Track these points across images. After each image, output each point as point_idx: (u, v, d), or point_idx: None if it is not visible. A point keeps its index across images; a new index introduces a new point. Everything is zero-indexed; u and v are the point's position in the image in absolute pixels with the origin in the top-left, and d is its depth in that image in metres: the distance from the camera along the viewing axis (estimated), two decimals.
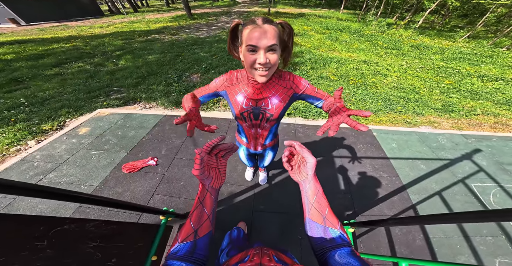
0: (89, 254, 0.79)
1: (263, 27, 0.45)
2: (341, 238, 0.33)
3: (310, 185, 0.38)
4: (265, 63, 0.48)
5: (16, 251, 0.59)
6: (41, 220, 0.67)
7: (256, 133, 0.82)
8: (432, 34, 8.71)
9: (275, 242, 1.28)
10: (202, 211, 0.35)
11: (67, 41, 6.04)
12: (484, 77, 4.23)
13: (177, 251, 0.31)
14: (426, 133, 2.36)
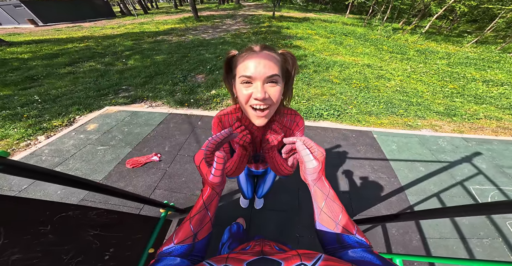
0: (88, 242, 0.81)
1: (261, 54, 0.37)
2: (358, 242, 0.29)
3: (315, 188, 0.34)
4: (263, 99, 0.38)
5: (20, 234, 0.60)
6: (48, 205, 0.70)
7: (257, 165, 0.81)
8: (439, 39, 8.64)
9: (273, 239, 1.30)
10: (206, 214, 0.33)
11: (81, 41, 6.31)
12: (489, 82, 4.18)
13: (171, 251, 0.28)
14: (426, 136, 2.36)
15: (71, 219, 0.75)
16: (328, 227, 0.32)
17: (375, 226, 1.40)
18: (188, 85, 3.20)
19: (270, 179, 1.00)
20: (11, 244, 0.57)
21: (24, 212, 0.64)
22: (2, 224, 0.56)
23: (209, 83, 3.25)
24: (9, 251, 0.57)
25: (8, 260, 0.56)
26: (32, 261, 0.61)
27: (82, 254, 0.76)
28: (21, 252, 0.60)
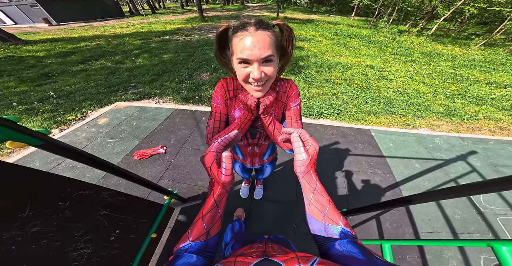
0: (98, 221, 0.84)
1: (255, 35, 0.38)
2: (344, 233, 0.31)
3: (304, 181, 0.36)
4: (260, 78, 0.42)
5: (43, 208, 0.63)
6: (70, 182, 0.73)
7: (253, 150, 0.75)
8: (446, 41, 8.55)
9: (271, 229, 1.36)
10: (217, 212, 0.34)
11: (92, 40, 6.56)
12: (493, 84, 4.16)
13: (187, 248, 0.30)
14: (423, 135, 2.40)
15: (87, 197, 0.80)
16: (316, 218, 0.34)
17: (370, 220, 1.45)
18: (194, 83, 3.34)
19: (268, 170, 0.99)
20: (34, 216, 0.61)
21: (49, 187, 0.67)
22: (30, 197, 0.61)
23: (213, 81, 3.37)
24: (31, 223, 0.60)
25: (28, 231, 0.60)
26: (48, 234, 0.65)
27: (91, 233, 0.80)
28: (41, 225, 0.63)
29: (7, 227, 0.55)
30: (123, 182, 1.59)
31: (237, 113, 0.59)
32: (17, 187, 0.59)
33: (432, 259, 1.26)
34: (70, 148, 0.65)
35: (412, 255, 1.26)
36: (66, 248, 0.71)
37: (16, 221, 0.57)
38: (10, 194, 0.57)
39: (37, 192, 0.63)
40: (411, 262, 1.23)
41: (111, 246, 0.88)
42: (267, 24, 0.41)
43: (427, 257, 1.26)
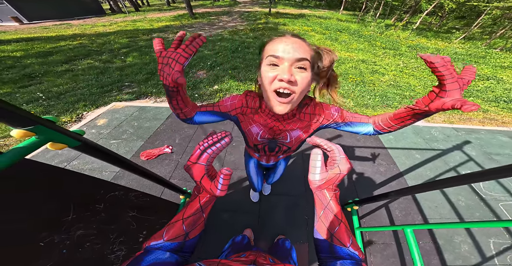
0: (127, 223, 0.84)
1: (291, 38, 0.37)
2: (350, 255, 0.29)
3: (315, 197, 0.34)
4: (289, 81, 0.35)
5: (84, 211, 0.63)
6: (103, 184, 0.74)
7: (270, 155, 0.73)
8: (430, 35, 8.94)
9: (282, 223, 1.38)
10: (200, 216, 0.32)
11: (73, 39, 6.15)
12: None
13: (160, 247, 0.28)
14: (420, 126, 2.53)
15: (117, 199, 0.80)
16: (323, 235, 0.32)
17: (380, 208, 1.51)
18: (191, 81, 3.26)
19: (281, 169, 0.98)
20: (78, 219, 0.61)
21: (85, 189, 0.68)
22: (72, 200, 0.61)
23: (211, 79, 3.31)
24: (75, 226, 0.61)
25: (74, 235, 0.60)
26: (90, 237, 0.65)
27: (123, 235, 0.79)
28: (84, 228, 0.64)
29: (57, 230, 0.56)
30: (133, 183, 1.55)
31: (255, 129, 0.55)
32: (63, 191, 0.59)
33: (444, 244, 1.32)
34: (104, 150, 0.63)
35: (424, 241, 1.33)
36: (105, 250, 0.71)
37: (63, 224, 0.58)
38: (58, 197, 0.58)
39: (78, 195, 0.63)
40: (424, 247, 1.30)
41: (140, 247, 0.88)
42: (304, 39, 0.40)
43: (439, 242, 1.33)
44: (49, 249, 0.55)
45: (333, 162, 0.33)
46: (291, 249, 0.73)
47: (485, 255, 1.29)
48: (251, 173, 1.00)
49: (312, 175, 0.33)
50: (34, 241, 0.52)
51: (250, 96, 0.53)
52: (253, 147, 0.63)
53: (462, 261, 1.25)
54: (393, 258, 1.24)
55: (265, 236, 1.30)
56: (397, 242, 1.31)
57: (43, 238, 0.53)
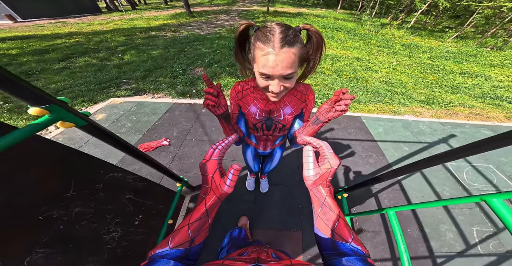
0: (124, 205, 0.84)
1: (279, 55, 0.37)
2: (354, 251, 0.29)
3: (312, 194, 0.35)
4: (279, 93, 0.45)
5: (83, 189, 0.65)
6: (103, 164, 0.75)
7: (267, 137, 0.80)
8: (424, 34, 9.09)
9: (277, 212, 1.43)
10: (206, 221, 0.32)
11: (69, 37, 6.13)
12: (465, 74, 4.58)
13: (165, 255, 0.28)
14: (409, 120, 2.64)
15: (116, 180, 0.81)
16: (324, 233, 0.32)
17: (370, 198, 1.58)
18: (188, 77, 3.31)
19: (277, 157, 1.02)
20: (77, 196, 0.62)
21: (86, 168, 0.69)
22: (73, 177, 0.63)
23: (209, 76, 3.37)
24: (74, 203, 0.62)
25: (72, 212, 0.61)
26: (87, 216, 0.66)
27: (119, 216, 0.80)
28: (82, 206, 0.65)
29: (56, 205, 0.57)
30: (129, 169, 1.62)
31: (253, 109, 0.62)
32: (65, 167, 0.61)
33: (430, 232, 1.39)
34: (107, 131, 0.67)
35: (412, 229, 1.39)
36: (101, 230, 0.72)
37: (63, 200, 0.59)
38: (61, 173, 0.60)
39: (79, 172, 0.65)
40: (411, 235, 1.36)
41: (136, 230, 0.90)
42: (292, 37, 0.38)
43: (426, 230, 1.40)
44: (47, 223, 0.55)
45: (323, 158, 0.35)
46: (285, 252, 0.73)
47: (469, 242, 1.36)
48: (248, 160, 1.06)
49: (306, 170, 0.35)
50: (33, 214, 0.53)
51: (241, 83, 0.61)
52: (252, 126, 0.70)
53: (447, 249, 1.31)
54: (382, 245, 1.31)
55: (261, 224, 1.36)
56: (386, 230, 1.38)
57: (42, 212, 0.54)
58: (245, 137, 0.77)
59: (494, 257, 1.30)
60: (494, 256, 1.30)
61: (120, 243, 0.79)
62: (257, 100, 0.61)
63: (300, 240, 1.30)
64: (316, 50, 0.44)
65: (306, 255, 1.24)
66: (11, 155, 0.47)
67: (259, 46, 0.39)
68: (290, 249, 1.26)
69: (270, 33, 0.38)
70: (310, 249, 1.26)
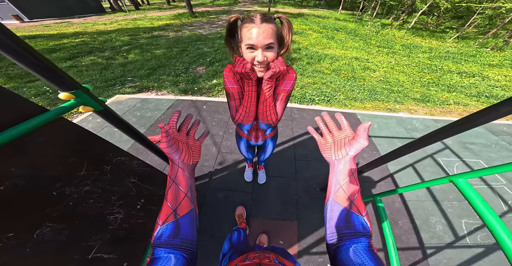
0: (128, 188, 0.88)
1: (261, 27, 0.48)
2: (363, 225, 0.30)
3: (345, 165, 0.35)
4: (263, 61, 0.52)
5: (93, 169, 0.69)
6: (112, 147, 0.81)
7: (257, 125, 0.84)
8: (425, 34, 9.11)
9: (274, 202, 1.49)
10: (177, 189, 0.33)
11: (75, 37, 6.28)
12: (463, 74, 4.62)
13: (161, 234, 0.29)
14: (403, 117, 2.71)
15: (122, 163, 0.86)
16: (341, 203, 0.32)
17: (364, 191, 1.63)
18: (190, 76, 3.43)
19: (270, 147, 1.08)
20: (87, 176, 0.66)
21: (98, 150, 0.74)
22: (87, 157, 0.68)
23: (210, 74, 3.48)
24: (84, 182, 0.66)
25: (82, 190, 0.65)
26: (94, 195, 0.70)
27: (123, 198, 0.84)
28: (91, 185, 0.68)
29: (69, 183, 0.61)
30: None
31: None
32: (82, 148, 0.68)
33: (421, 224, 1.44)
34: (119, 117, 0.77)
35: (403, 221, 1.45)
36: (105, 210, 0.76)
37: (75, 178, 0.63)
38: (77, 153, 0.65)
39: (91, 154, 0.71)
40: (403, 227, 1.42)
41: (137, 214, 0.93)
42: (270, 18, 0.51)
43: (416, 222, 1.45)
44: (59, 199, 0.59)
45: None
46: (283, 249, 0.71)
47: (458, 234, 1.40)
48: (242, 151, 1.13)
49: (364, 140, 0.34)
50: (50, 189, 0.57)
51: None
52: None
53: (437, 240, 1.36)
54: (374, 236, 1.35)
55: (258, 213, 1.43)
56: (377, 222, 1.42)
57: (57, 188, 0.58)
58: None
59: (482, 248, 1.33)
60: (482, 248, 1.34)
61: (122, 225, 0.83)
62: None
63: (296, 229, 1.35)
64: (288, 31, 0.55)
65: (302, 244, 1.28)
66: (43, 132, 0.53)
67: (245, 26, 0.50)
68: (286, 238, 1.31)
69: (253, 17, 0.50)
70: (305, 239, 1.31)
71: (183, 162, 0.36)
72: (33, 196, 0.53)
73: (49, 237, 0.56)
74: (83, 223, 0.67)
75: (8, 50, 0.43)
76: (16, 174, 0.49)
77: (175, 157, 0.35)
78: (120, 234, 0.83)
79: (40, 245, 0.54)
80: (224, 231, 1.32)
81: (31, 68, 0.49)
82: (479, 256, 1.30)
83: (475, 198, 0.58)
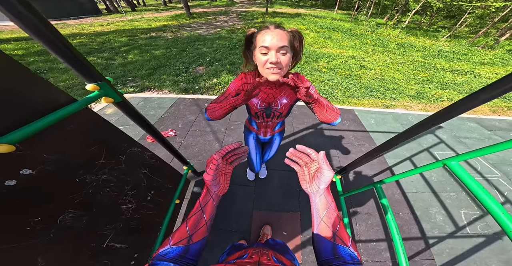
0: (140, 179, 0.90)
1: (275, 31, 0.51)
2: (351, 256, 0.30)
3: (321, 198, 0.35)
4: (276, 62, 0.51)
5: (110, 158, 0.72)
6: (127, 138, 0.84)
7: (267, 124, 0.90)
8: (419, 34, 9.29)
9: (277, 194, 1.53)
10: (201, 217, 0.34)
11: (73, 38, 6.28)
12: (455, 72, 4.76)
13: (166, 253, 0.29)
14: (399, 113, 2.81)
15: (135, 154, 0.88)
16: (325, 236, 0.32)
17: (363, 182, 1.70)
18: (191, 75, 3.47)
19: (276, 144, 1.10)
20: (105, 165, 0.69)
21: (114, 140, 0.76)
22: (105, 146, 0.70)
23: (210, 73, 3.53)
24: (102, 171, 0.68)
25: (100, 178, 0.67)
26: (110, 184, 0.71)
27: (135, 189, 0.86)
28: (108, 174, 0.70)
29: (90, 170, 0.64)
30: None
31: (255, 100, 0.73)
32: (102, 137, 0.71)
33: (421, 215, 1.47)
34: (134, 109, 0.81)
35: (404, 212, 1.50)
36: (119, 200, 0.77)
37: (95, 166, 0.66)
38: (99, 142, 0.68)
39: (109, 143, 0.74)
40: (404, 217, 1.46)
41: (147, 206, 0.95)
42: (283, 27, 0.55)
43: (417, 213, 1.49)
44: (81, 186, 0.61)
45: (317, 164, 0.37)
46: (285, 245, 0.73)
47: (458, 224, 1.43)
48: (250, 147, 1.10)
49: (328, 171, 0.34)
50: (74, 175, 0.59)
51: (248, 74, 0.70)
52: (254, 114, 0.81)
53: (438, 230, 1.39)
54: (376, 227, 1.39)
55: (261, 206, 1.48)
56: (379, 213, 1.46)
57: (80, 175, 0.60)
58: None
59: (483, 238, 1.36)
60: (483, 238, 1.37)
61: (134, 215, 0.85)
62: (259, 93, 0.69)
63: (299, 220, 1.39)
64: (300, 43, 0.60)
65: (305, 235, 1.32)
66: (72, 120, 0.57)
67: (260, 32, 0.54)
68: (290, 229, 1.34)
69: (267, 26, 0.54)
70: (308, 230, 1.34)
71: (217, 194, 0.37)
72: (59, 181, 0.55)
73: (70, 223, 0.58)
74: (100, 211, 0.68)
75: (53, 47, 0.48)
76: (48, 159, 0.52)
77: (213, 189, 0.36)
78: (131, 225, 0.84)
79: (62, 231, 0.55)
80: (229, 224, 1.36)
81: (69, 62, 0.54)
82: (480, 245, 1.32)
83: (468, 179, 0.61)
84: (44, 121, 0.48)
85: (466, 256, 1.28)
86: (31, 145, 0.47)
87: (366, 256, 1.26)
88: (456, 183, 1.76)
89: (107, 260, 0.71)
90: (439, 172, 1.89)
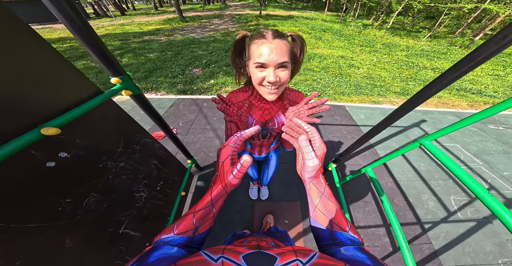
0: (151, 169, 0.93)
1: (273, 43, 0.42)
2: (351, 240, 0.29)
3: (311, 186, 0.33)
4: (275, 82, 0.45)
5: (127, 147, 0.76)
6: (141, 129, 0.90)
7: (262, 143, 0.79)
8: (403, 34, 9.81)
9: (277, 184, 1.58)
10: (210, 211, 0.32)
11: (62, 42, 6.18)
12: (436, 70, 5.11)
13: (169, 241, 0.29)
14: (386, 108, 3.01)
15: (147, 145, 0.93)
16: (322, 223, 0.32)
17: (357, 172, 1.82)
18: (188, 77, 3.55)
19: (273, 164, 1.00)
20: (122, 153, 0.73)
21: (130, 130, 0.82)
22: (123, 136, 0.76)
23: (207, 75, 3.62)
24: (120, 158, 0.72)
25: (118, 165, 0.71)
26: (126, 172, 0.76)
27: (147, 178, 0.90)
28: (125, 162, 0.74)
29: (110, 157, 0.68)
30: None
31: (249, 120, 0.63)
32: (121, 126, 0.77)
33: (414, 201, 1.56)
34: (148, 102, 0.91)
35: (398, 199, 1.58)
36: (134, 187, 0.80)
37: (114, 154, 0.70)
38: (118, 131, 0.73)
39: (126, 133, 0.80)
40: (398, 204, 1.53)
41: (157, 196, 0.98)
42: (282, 34, 0.44)
43: (410, 200, 1.58)
44: (103, 172, 0.63)
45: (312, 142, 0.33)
46: (285, 233, 0.73)
47: (449, 210, 1.51)
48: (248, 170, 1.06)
49: (311, 160, 0.31)
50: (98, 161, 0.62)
51: (234, 95, 0.61)
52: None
53: (432, 216, 1.46)
54: (373, 213, 1.45)
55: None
56: (375, 200, 1.52)
57: (102, 161, 0.63)
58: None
59: (474, 222, 1.45)
60: (474, 221, 1.45)
61: (146, 204, 0.89)
62: (253, 112, 0.62)
63: (299, 209, 1.44)
64: (301, 49, 0.50)
65: (306, 222, 1.37)
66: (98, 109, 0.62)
67: (255, 41, 0.44)
68: (291, 217, 1.40)
69: (263, 32, 0.44)
70: (308, 218, 1.36)
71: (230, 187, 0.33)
72: (87, 166, 0.59)
73: (94, 206, 0.61)
74: (117, 197, 0.71)
75: (89, 44, 0.58)
76: (80, 144, 0.59)
77: (230, 189, 0.34)
78: (144, 213, 0.90)
79: (87, 213, 0.59)
80: (231, 213, 1.42)
81: (99, 57, 0.63)
82: (472, 229, 1.41)
83: (441, 155, 0.67)
84: (82, 109, 0.56)
85: (461, 240, 1.35)
86: (67, 130, 0.52)
87: (366, 241, 1.31)
88: (443, 172, 1.90)
89: (122, 246, 0.75)
90: (427, 162, 2.03)
